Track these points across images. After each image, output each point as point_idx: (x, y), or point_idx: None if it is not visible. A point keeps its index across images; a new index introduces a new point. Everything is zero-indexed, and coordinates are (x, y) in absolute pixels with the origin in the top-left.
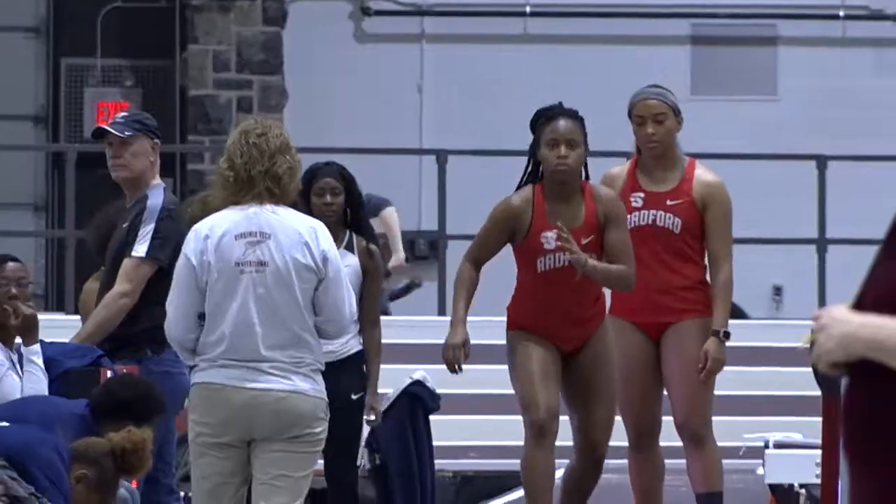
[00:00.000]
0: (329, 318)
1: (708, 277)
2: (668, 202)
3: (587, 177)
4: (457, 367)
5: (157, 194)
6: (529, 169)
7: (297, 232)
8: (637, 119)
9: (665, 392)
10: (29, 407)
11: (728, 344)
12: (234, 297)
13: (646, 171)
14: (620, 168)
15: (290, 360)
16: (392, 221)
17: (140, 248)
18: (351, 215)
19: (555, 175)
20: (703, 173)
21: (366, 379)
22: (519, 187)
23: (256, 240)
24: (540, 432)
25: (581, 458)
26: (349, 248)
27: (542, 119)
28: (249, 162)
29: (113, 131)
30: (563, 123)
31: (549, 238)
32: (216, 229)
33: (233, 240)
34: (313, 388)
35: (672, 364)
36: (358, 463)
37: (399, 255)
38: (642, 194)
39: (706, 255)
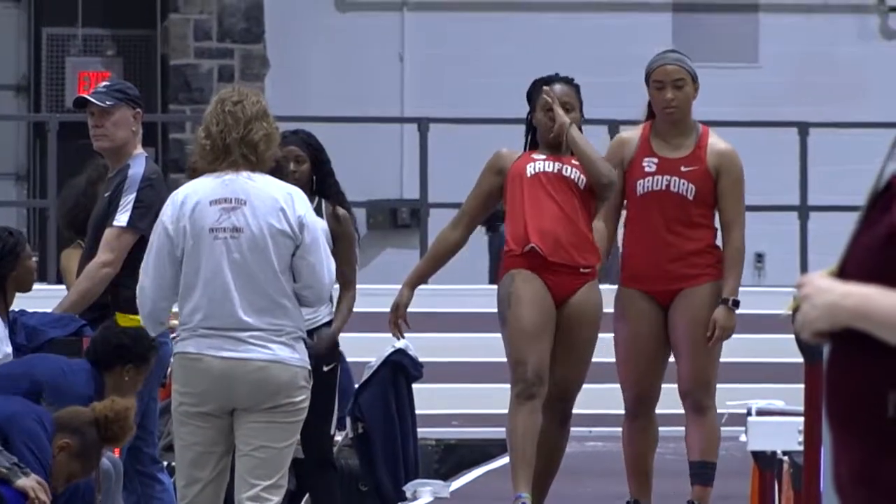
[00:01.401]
0: (307, 283)
1: (719, 242)
2: (683, 168)
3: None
4: None
5: (138, 164)
6: (529, 139)
7: (273, 198)
8: (655, 84)
9: (671, 359)
10: (36, 364)
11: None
12: (210, 263)
13: (660, 136)
14: (632, 132)
15: (269, 327)
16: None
17: (121, 218)
18: (317, 182)
19: (552, 139)
20: (716, 141)
21: (337, 348)
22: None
23: (231, 206)
24: (527, 393)
25: (548, 410)
26: (318, 213)
27: (539, 85)
28: (225, 129)
29: (94, 101)
30: (558, 87)
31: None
32: (191, 196)
33: (207, 206)
34: (293, 356)
35: (681, 330)
36: (341, 432)
37: None
38: (656, 160)
39: (717, 221)
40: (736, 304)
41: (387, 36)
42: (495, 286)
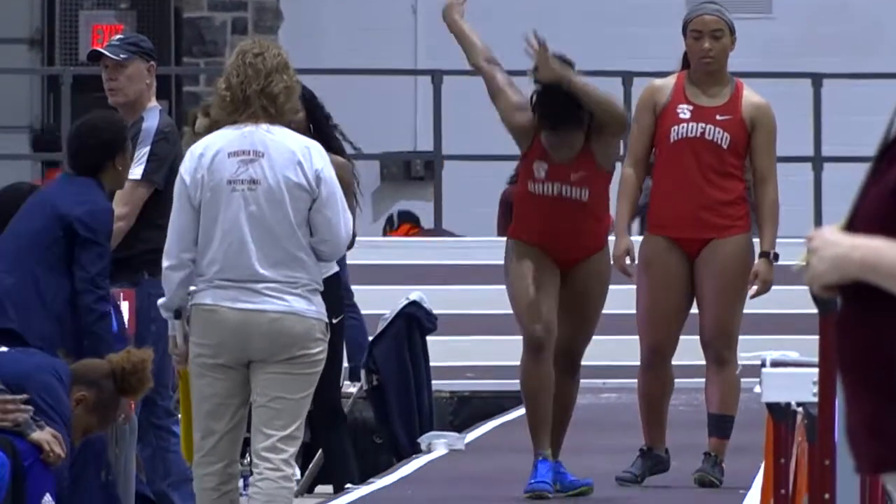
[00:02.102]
0: (323, 237)
1: (748, 195)
2: (718, 117)
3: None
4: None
5: (152, 116)
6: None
7: (291, 151)
8: (693, 34)
9: (693, 310)
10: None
11: None
12: (227, 215)
13: (696, 85)
14: (666, 80)
15: (285, 279)
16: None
17: (136, 171)
18: (314, 131)
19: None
20: (751, 94)
21: (342, 301)
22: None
23: (249, 158)
24: (537, 345)
25: (556, 364)
26: None
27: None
28: (245, 81)
29: (108, 54)
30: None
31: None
32: (210, 148)
33: (225, 157)
34: (309, 308)
35: (708, 282)
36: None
37: None
38: (690, 107)
39: (750, 173)
40: (776, 256)
41: None
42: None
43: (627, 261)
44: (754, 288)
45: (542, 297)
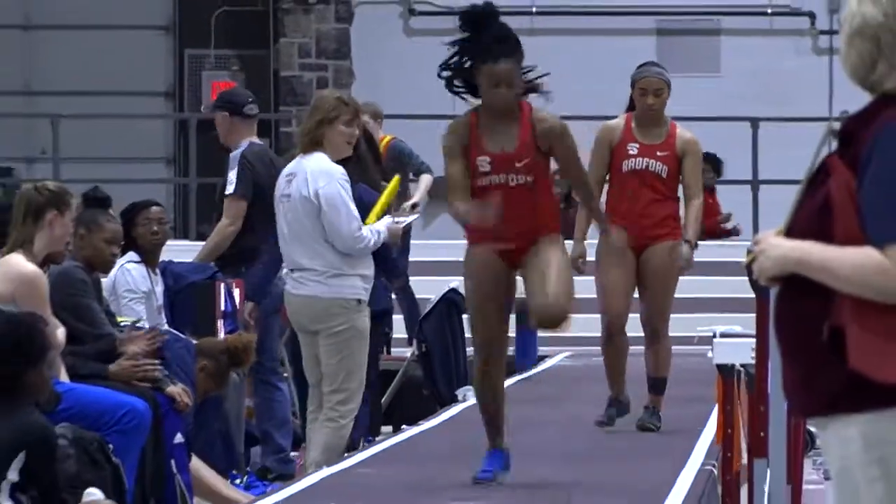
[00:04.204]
0: (330, 238)
1: (681, 212)
2: (658, 153)
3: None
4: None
5: (239, 148)
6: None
7: (306, 172)
8: (640, 90)
9: (636, 295)
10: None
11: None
12: (280, 221)
13: (640, 126)
14: (617, 121)
15: (308, 267)
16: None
17: (229, 188)
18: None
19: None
20: (683, 132)
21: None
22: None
23: (289, 178)
24: (484, 352)
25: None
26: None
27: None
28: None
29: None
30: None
31: (484, 161)
32: (282, 174)
33: (283, 178)
34: (326, 291)
35: (647, 274)
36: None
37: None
38: (637, 145)
39: (680, 191)
40: (696, 245)
41: (444, 55)
42: None
43: (581, 263)
44: (681, 265)
45: (491, 309)
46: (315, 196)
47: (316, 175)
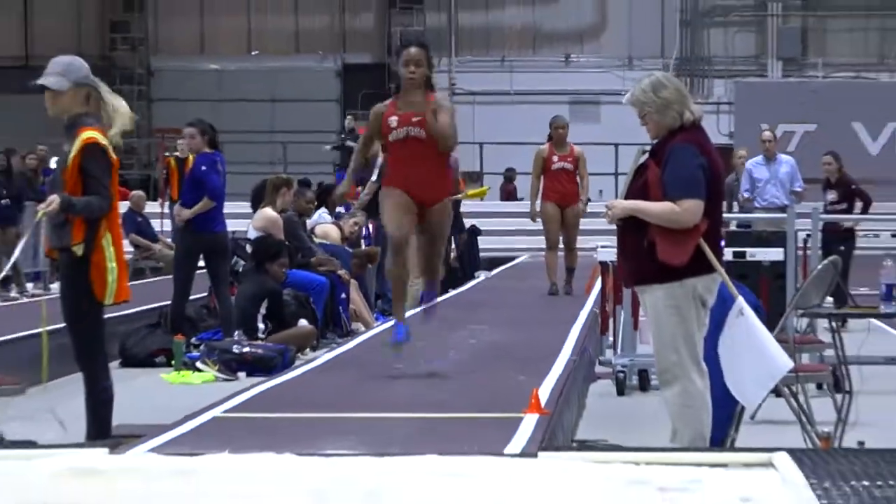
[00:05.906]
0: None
1: (580, 189)
2: (568, 159)
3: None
4: (535, 221)
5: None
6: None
7: None
8: (554, 132)
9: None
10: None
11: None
12: None
13: (557, 147)
14: (545, 146)
15: None
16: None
17: (374, 174)
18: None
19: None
20: (576, 147)
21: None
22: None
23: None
24: (396, 245)
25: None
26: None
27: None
28: None
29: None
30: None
31: (393, 120)
32: None
33: None
34: None
35: (567, 219)
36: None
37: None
38: (557, 157)
39: (579, 178)
40: (589, 201)
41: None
42: None
43: (535, 218)
44: (579, 214)
45: (402, 212)
46: None
47: None
